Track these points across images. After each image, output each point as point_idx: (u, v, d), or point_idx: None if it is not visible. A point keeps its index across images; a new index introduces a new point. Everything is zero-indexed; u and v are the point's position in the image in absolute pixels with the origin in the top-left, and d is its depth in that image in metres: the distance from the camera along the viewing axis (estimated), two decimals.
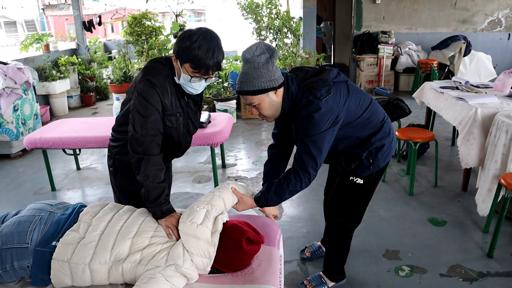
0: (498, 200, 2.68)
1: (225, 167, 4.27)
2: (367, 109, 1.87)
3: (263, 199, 1.87)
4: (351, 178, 2.00)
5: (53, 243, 1.57)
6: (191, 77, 1.71)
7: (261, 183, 2.26)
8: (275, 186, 1.84)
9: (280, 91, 1.74)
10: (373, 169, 1.95)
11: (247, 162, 4.40)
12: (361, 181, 1.99)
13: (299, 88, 1.75)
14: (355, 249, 2.70)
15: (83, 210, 1.75)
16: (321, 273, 2.37)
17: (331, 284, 2.33)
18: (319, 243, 2.68)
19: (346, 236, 2.21)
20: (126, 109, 1.84)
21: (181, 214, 1.73)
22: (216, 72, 1.76)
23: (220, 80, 5.95)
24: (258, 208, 1.96)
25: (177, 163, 4.26)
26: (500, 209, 2.55)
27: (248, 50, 1.68)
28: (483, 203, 2.85)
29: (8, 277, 1.58)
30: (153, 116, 1.71)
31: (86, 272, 1.53)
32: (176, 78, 1.78)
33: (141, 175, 1.70)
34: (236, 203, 1.90)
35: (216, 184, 3.73)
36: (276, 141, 2.13)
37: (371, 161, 1.92)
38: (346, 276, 2.39)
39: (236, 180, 3.94)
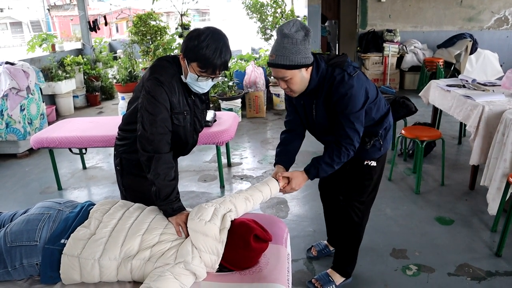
0: (507, 199, 2.65)
1: (231, 166, 4.27)
2: (378, 92, 2.03)
3: (314, 170, 1.96)
4: (366, 162, 2.10)
5: (62, 241, 1.58)
6: (198, 76, 1.72)
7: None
8: (324, 158, 1.94)
9: (310, 68, 1.83)
10: (383, 150, 2.10)
11: (252, 161, 4.39)
12: (375, 164, 2.12)
13: (328, 65, 1.86)
14: (362, 248, 2.67)
15: (91, 208, 1.76)
16: (328, 271, 2.37)
17: (338, 282, 2.33)
18: (325, 242, 2.67)
19: (361, 227, 2.26)
20: (133, 107, 1.84)
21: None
22: (223, 72, 1.77)
23: (226, 79, 5.96)
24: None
25: (183, 162, 4.26)
26: (508, 208, 2.53)
27: (286, 26, 1.74)
28: (493, 202, 2.83)
29: (17, 274, 1.59)
30: (162, 114, 1.72)
31: (96, 267, 1.53)
32: (183, 77, 1.78)
33: (151, 174, 1.70)
34: (288, 183, 1.97)
35: (221, 183, 3.73)
36: (288, 128, 2.19)
37: (381, 142, 2.06)
38: (353, 274, 2.38)
39: (241, 179, 3.94)
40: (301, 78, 1.81)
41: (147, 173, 1.73)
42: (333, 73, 1.84)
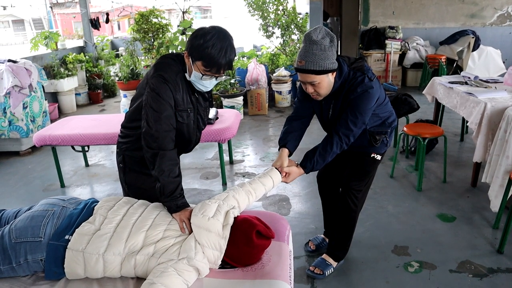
0: (509, 196, 2.65)
1: (233, 163, 4.28)
2: (385, 94, 2.16)
3: (309, 164, 2.04)
4: (372, 155, 2.25)
5: (66, 237, 1.59)
6: (202, 75, 1.72)
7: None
8: (318, 151, 2.03)
9: (335, 73, 1.94)
10: (388, 146, 2.27)
11: (254, 159, 4.40)
12: (379, 157, 2.28)
13: (350, 69, 1.99)
14: (363, 245, 2.70)
15: (95, 205, 1.77)
16: (323, 256, 2.46)
17: (334, 264, 2.43)
18: (322, 235, 2.72)
19: (356, 214, 2.37)
20: (137, 105, 1.85)
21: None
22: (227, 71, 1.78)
23: (228, 76, 5.95)
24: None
25: (185, 160, 4.27)
26: (510, 205, 2.53)
27: (313, 32, 1.83)
28: (496, 199, 2.83)
29: (21, 270, 1.60)
30: (167, 111, 1.73)
31: (100, 262, 1.55)
32: (187, 75, 1.79)
33: (156, 170, 1.71)
34: (285, 176, 2.04)
35: (224, 181, 3.74)
36: (296, 114, 2.26)
37: (387, 139, 2.24)
38: (354, 271, 2.41)
39: (243, 176, 3.95)
40: (328, 82, 1.92)
41: (152, 169, 1.74)
42: (355, 76, 1.97)
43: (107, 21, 8.65)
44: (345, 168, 2.31)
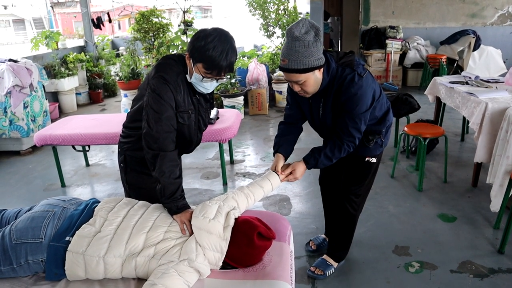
0: (510, 196, 2.65)
1: (233, 163, 4.28)
2: (381, 91, 2.04)
3: (313, 161, 1.98)
4: (367, 159, 2.15)
5: (67, 238, 1.59)
6: (203, 77, 1.72)
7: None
8: (324, 151, 1.96)
9: (322, 69, 1.82)
10: (383, 147, 2.16)
11: (255, 158, 4.40)
12: (375, 160, 2.17)
13: (338, 65, 1.87)
14: (364, 245, 2.70)
15: (96, 205, 1.76)
16: (324, 257, 2.46)
17: (335, 265, 2.43)
18: (323, 235, 2.71)
19: (356, 217, 2.35)
20: (139, 105, 1.85)
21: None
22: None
23: (228, 78, 5.95)
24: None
25: (186, 159, 4.27)
26: (511, 205, 2.52)
27: (296, 27, 1.70)
28: (495, 199, 2.83)
29: (22, 271, 1.60)
30: (167, 112, 1.72)
31: (100, 264, 1.54)
32: (188, 76, 1.79)
33: (157, 171, 1.71)
34: (290, 174, 2.00)
35: (224, 180, 3.74)
36: (289, 121, 2.20)
37: (383, 139, 2.11)
38: (355, 271, 2.40)
39: (244, 176, 3.95)
40: (314, 79, 1.80)
41: (152, 171, 1.73)
42: (343, 73, 1.84)
43: (110, 20, 8.65)
44: (343, 172, 2.25)
